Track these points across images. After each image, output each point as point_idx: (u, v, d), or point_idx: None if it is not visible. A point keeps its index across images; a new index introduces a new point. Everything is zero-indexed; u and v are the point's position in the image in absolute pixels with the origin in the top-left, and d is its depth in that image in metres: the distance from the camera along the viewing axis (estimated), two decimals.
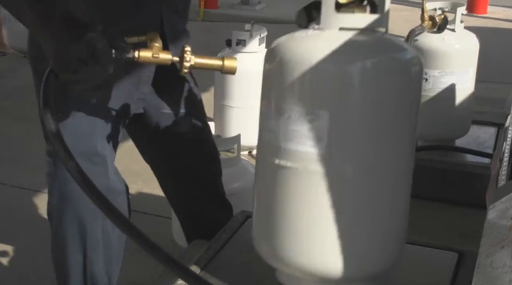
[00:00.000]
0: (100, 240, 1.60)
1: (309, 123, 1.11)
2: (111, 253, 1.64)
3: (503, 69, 4.45)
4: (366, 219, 1.17)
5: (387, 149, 1.16)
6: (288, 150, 1.14)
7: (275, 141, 1.16)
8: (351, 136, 1.12)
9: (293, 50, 1.14)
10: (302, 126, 1.12)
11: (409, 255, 1.43)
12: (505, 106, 2.61)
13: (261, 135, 1.22)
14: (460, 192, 2.54)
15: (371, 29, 1.15)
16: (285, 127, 1.14)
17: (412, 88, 1.18)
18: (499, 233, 0.96)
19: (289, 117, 1.13)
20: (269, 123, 1.17)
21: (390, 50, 1.16)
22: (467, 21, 2.86)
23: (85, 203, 1.50)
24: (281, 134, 1.15)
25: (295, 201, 1.17)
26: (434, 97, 2.57)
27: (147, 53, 1.32)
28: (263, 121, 1.20)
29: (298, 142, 1.13)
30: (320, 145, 1.12)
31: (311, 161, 1.13)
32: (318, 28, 1.15)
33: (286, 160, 1.15)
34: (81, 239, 1.58)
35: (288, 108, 1.12)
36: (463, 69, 2.55)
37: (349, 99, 1.10)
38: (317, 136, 1.11)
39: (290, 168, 1.15)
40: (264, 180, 1.23)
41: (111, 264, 1.65)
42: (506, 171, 1.33)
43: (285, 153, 1.15)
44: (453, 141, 2.76)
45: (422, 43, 2.54)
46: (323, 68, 1.10)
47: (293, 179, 1.16)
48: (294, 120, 1.12)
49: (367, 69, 1.10)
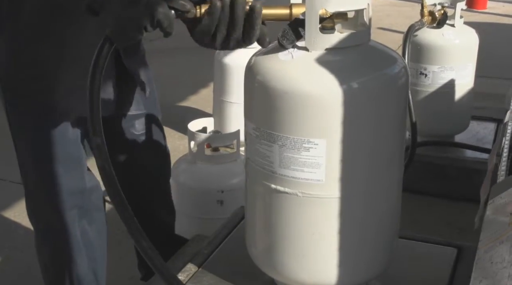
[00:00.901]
0: (80, 240, 1.60)
1: (305, 151, 1.11)
2: (93, 251, 1.65)
3: (502, 65, 4.44)
4: (365, 235, 1.20)
5: (382, 165, 1.17)
6: (285, 176, 1.14)
7: (270, 166, 1.16)
8: (348, 158, 1.12)
9: (281, 79, 1.11)
10: (298, 154, 1.12)
11: (408, 250, 1.44)
12: (504, 101, 2.60)
13: (252, 158, 1.20)
14: (459, 188, 2.54)
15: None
16: (279, 154, 1.13)
17: (401, 100, 1.19)
18: (498, 228, 0.96)
19: (284, 145, 1.12)
20: (260, 147, 1.16)
21: (378, 67, 1.15)
22: (467, 16, 2.86)
23: (62, 205, 1.52)
24: (276, 161, 1.14)
25: (295, 224, 1.18)
26: (434, 92, 2.57)
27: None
28: (252, 143, 1.19)
29: (295, 169, 1.13)
30: (318, 171, 1.12)
31: (310, 187, 1.13)
32: (302, 48, 1.12)
33: (283, 186, 1.15)
34: (64, 242, 1.59)
35: (282, 137, 1.12)
36: (462, 64, 2.55)
37: (344, 123, 1.10)
38: (315, 163, 1.11)
39: (288, 193, 1.15)
40: (260, 201, 1.23)
41: (95, 262, 1.66)
42: (505, 166, 1.32)
43: (282, 179, 1.15)
44: (453, 136, 2.76)
45: (422, 38, 2.53)
46: (316, 96, 1.08)
47: (292, 204, 1.16)
48: (289, 148, 1.12)
49: (360, 90, 1.09)
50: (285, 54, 1.13)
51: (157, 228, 1.83)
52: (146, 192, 1.80)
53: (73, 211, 1.57)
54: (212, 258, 1.46)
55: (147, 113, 1.71)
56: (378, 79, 1.13)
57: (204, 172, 2.17)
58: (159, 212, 1.88)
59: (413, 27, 2.37)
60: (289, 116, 1.10)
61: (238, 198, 1.94)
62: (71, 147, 1.53)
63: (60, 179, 1.52)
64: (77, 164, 1.56)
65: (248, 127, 1.19)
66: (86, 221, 1.61)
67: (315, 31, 1.10)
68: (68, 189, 1.54)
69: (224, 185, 2.12)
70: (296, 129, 1.11)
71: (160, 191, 1.87)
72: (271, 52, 1.17)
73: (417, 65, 2.55)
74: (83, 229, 1.60)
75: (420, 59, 2.54)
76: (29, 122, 1.51)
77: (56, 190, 1.53)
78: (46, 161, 1.51)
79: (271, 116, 1.12)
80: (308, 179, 1.13)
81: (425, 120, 2.44)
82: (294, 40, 1.13)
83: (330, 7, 1.10)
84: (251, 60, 1.20)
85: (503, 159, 1.37)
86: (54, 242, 1.62)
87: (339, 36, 1.12)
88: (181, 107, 3.82)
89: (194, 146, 2.20)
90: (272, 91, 1.11)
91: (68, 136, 1.51)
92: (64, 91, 1.46)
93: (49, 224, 1.60)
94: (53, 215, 1.56)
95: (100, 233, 1.66)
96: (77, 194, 1.57)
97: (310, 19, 1.10)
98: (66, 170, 1.52)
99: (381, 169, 1.18)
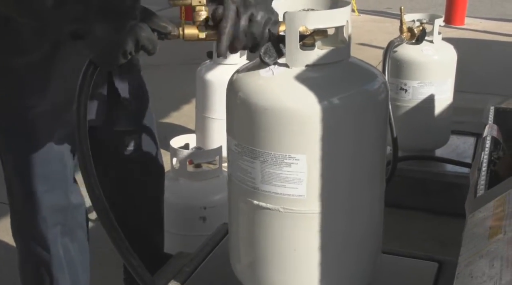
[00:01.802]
0: (63, 258, 1.59)
1: (287, 167, 1.12)
2: (75, 269, 1.63)
3: (481, 80, 4.51)
4: (347, 250, 1.21)
5: (363, 180, 1.18)
6: (267, 192, 1.15)
7: (252, 182, 1.16)
8: (329, 174, 1.13)
9: (262, 95, 1.12)
10: (280, 170, 1.12)
11: (390, 265, 1.44)
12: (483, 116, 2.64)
13: (234, 174, 1.21)
14: (440, 202, 2.56)
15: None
16: (261, 170, 1.13)
17: (382, 115, 1.20)
18: (478, 243, 0.97)
19: (265, 161, 1.13)
20: (242, 164, 1.17)
21: (358, 83, 1.16)
22: (445, 32, 2.90)
23: (45, 223, 1.50)
24: (258, 176, 1.15)
25: (277, 239, 1.19)
26: (414, 107, 2.60)
27: (192, 29, 1.17)
28: (234, 159, 1.19)
29: (276, 184, 1.14)
30: (300, 187, 1.13)
31: (292, 202, 1.14)
32: (283, 65, 1.13)
33: (265, 201, 1.16)
34: (46, 260, 1.58)
35: (263, 153, 1.12)
36: (441, 79, 2.59)
37: (324, 139, 1.11)
38: (297, 178, 1.12)
39: (270, 209, 1.16)
40: (243, 217, 1.23)
41: (77, 281, 1.64)
42: (484, 181, 1.34)
43: (264, 195, 1.15)
44: (433, 151, 2.78)
45: (401, 54, 2.57)
46: (296, 112, 1.09)
47: (274, 219, 1.17)
48: (270, 164, 1.12)
49: (340, 106, 1.11)
50: (266, 70, 1.14)
51: (147, 245, 1.82)
52: (137, 209, 1.79)
53: (56, 228, 1.56)
54: (195, 275, 1.46)
55: (140, 128, 1.71)
56: (358, 95, 1.14)
57: (186, 189, 2.16)
58: (150, 230, 1.87)
59: (392, 43, 2.41)
60: (270, 132, 1.11)
61: (221, 214, 1.93)
62: (54, 165, 1.51)
63: (43, 196, 1.51)
64: (61, 182, 1.54)
65: (230, 143, 1.20)
66: (69, 239, 1.60)
67: (295, 48, 1.11)
68: (51, 207, 1.53)
69: (207, 201, 2.12)
70: (277, 145, 1.11)
71: (151, 208, 1.86)
72: (252, 69, 1.18)
73: (397, 80, 2.58)
74: (65, 247, 1.59)
75: (400, 74, 2.58)
76: (12, 140, 1.50)
77: (39, 208, 1.52)
78: (29, 178, 1.50)
79: (252, 132, 1.13)
80: (290, 195, 1.14)
81: (406, 135, 2.47)
82: (276, 57, 1.14)
83: (310, 24, 1.11)
84: (233, 77, 1.21)
85: (482, 173, 1.39)
86: (36, 261, 1.60)
87: (319, 53, 1.13)
88: (164, 123, 3.81)
89: (176, 162, 2.19)
90: (254, 107, 1.12)
91: (51, 153, 1.50)
92: (47, 110, 1.45)
93: (32, 242, 1.58)
94: (36, 232, 1.55)
95: (82, 251, 1.65)
96: (60, 211, 1.55)
97: (290, 36, 1.11)
98: (49, 188, 1.51)
99: (362, 184, 1.19)
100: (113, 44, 1.13)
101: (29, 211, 1.54)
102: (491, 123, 1.78)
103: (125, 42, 1.12)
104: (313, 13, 1.13)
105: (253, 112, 1.12)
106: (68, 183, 1.57)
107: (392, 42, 2.40)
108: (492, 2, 8.43)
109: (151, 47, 1.14)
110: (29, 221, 1.55)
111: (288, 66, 1.13)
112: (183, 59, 4.24)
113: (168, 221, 2.12)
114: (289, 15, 1.10)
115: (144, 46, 1.13)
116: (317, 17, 1.11)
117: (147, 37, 1.13)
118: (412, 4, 8.17)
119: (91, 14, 1.14)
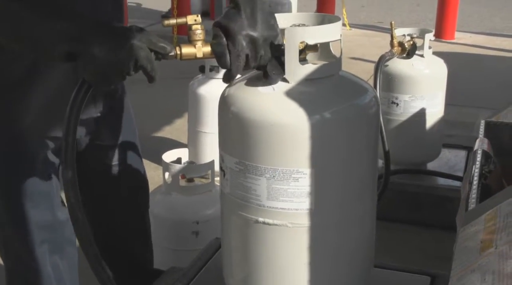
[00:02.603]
0: (52, 275, 1.57)
1: (294, 181, 1.11)
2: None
3: (471, 93, 4.54)
4: (340, 264, 1.22)
5: (356, 192, 1.19)
6: (274, 209, 1.14)
7: (257, 200, 1.15)
8: (335, 185, 1.14)
9: (266, 112, 1.11)
10: (287, 185, 1.12)
11: (382, 279, 1.44)
12: (474, 129, 2.65)
13: (233, 192, 1.19)
14: (432, 215, 2.56)
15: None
16: (268, 186, 1.13)
17: (372, 129, 1.21)
18: (469, 257, 0.98)
19: (273, 177, 1.12)
20: (244, 181, 1.15)
21: (350, 97, 1.17)
22: (436, 46, 2.93)
23: (32, 240, 1.49)
24: (263, 193, 1.14)
25: (276, 253, 1.18)
26: (405, 121, 2.61)
27: (190, 49, 1.15)
28: (235, 178, 1.17)
29: (284, 200, 1.13)
30: (308, 200, 1.13)
31: (299, 216, 1.14)
32: (282, 79, 1.14)
33: (271, 218, 1.15)
34: (35, 278, 1.56)
35: (270, 169, 1.12)
36: (432, 93, 2.61)
37: (329, 151, 1.12)
38: (304, 192, 1.12)
39: (277, 225, 1.15)
40: (241, 233, 1.22)
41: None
42: (475, 194, 1.35)
43: (270, 211, 1.15)
44: (425, 164, 2.79)
45: (392, 68, 2.58)
46: (300, 128, 1.09)
47: (281, 235, 1.16)
48: (277, 180, 1.12)
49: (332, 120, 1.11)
50: (267, 87, 1.14)
51: (135, 262, 1.81)
52: (122, 225, 1.78)
53: (44, 246, 1.54)
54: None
55: (124, 143, 1.69)
56: (349, 109, 1.15)
57: (179, 203, 2.16)
58: (137, 246, 1.85)
59: (383, 57, 2.42)
60: (278, 148, 1.11)
61: (214, 228, 1.93)
62: (40, 181, 1.50)
63: (29, 213, 1.49)
64: (46, 198, 1.53)
65: (229, 162, 1.17)
66: (58, 257, 1.58)
67: (295, 63, 1.12)
68: (37, 223, 1.51)
69: (200, 215, 2.11)
70: (283, 161, 1.11)
71: (136, 225, 1.84)
72: (248, 84, 1.17)
73: (389, 94, 2.60)
74: (54, 264, 1.57)
75: (391, 88, 2.59)
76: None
77: (25, 225, 1.50)
78: (14, 195, 1.48)
79: (257, 149, 1.12)
80: (297, 209, 1.13)
81: (398, 148, 2.48)
82: (281, 73, 1.14)
83: (310, 39, 1.12)
84: (227, 92, 1.20)
85: (473, 187, 1.40)
86: (25, 278, 1.59)
87: (313, 67, 1.14)
88: (156, 137, 3.81)
89: (168, 177, 2.19)
90: (252, 121, 1.11)
91: (36, 169, 1.49)
92: (32, 126, 1.44)
93: (19, 260, 1.56)
94: (23, 250, 1.53)
95: (71, 268, 1.63)
96: (47, 228, 1.54)
97: (290, 51, 1.11)
98: (34, 204, 1.49)
99: (354, 196, 1.19)
100: (111, 64, 1.10)
101: (15, 228, 1.52)
102: (482, 137, 1.79)
103: (124, 62, 1.09)
104: (313, 28, 1.14)
105: (252, 128, 1.11)
106: (54, 199, 1.55)
107: (383, 56, 2.42)
108: (482, 17, 8.52)
109: (150, 67, 1.11)
110: (16, 238, 1.54)
111: (287, 81, 1.13)
112: (178, 73, 4.25)
113: (160, 235, 2.11)
114: (290, 31, 1.10)
115: (142, 66, 1.10)
116: (316, 32, 1.12)
117: (146, 57, 1.10)
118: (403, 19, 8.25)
119: (86, 34, 1.11)
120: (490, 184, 1.55)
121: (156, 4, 8.65)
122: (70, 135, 1.13)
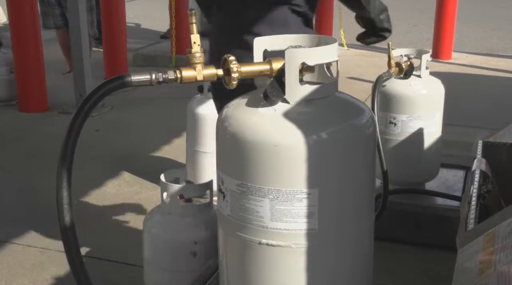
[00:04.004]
0: None
1: (299, 202, 1.11)
2: None
3: (469, 113, 4.56)
4: (340, 282, 1.22)
5: (353, 212, 1.19)
6: (277, 230, 1.14)
7: (260, 221, 1.15)
8: (338, 205, 1.14)
9: (270, 134, 1.11)
10: (291, 205, 1.12)
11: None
12: (471, 149, 2.66)
13: (234, 215, 1.19)
14: (430, 235, 2.56)
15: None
16: (271, 208, 1.12)
17: (370, 150, 1.22)
18: (469, 277, 0.97)
19: (276, 198, 1.12)
20: (247, 203, 1.15)
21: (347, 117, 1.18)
22: (432, 66, 2.95)
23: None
24: (266, 215, 1.13)
25: (287, 276, 1.18)
26: (403, 141, 2.62)
27: (190, 72, 1.17)
28: (236, 200, 1.17)
29: (288, 221, 1.13)
30: (311, 221, 1.13)
31: (303, 237, 1.14)
32: (282, 100, 1.15)
33: (275, 239, 1.15)
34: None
35: (273, 190, 1.11)
36: (430, 113, 2.62)
37: (334, 171, 1.12)
38: (308, 212, 1.12)
39: (281, 246, 1.14)
40: (240, 254, 1.21)
41: None
42: (474, 214, 1.35)
43: (274, 232, 1.14)
44: (423, 184, 2.79)
45: (390, 88, 2.60)
46: (305, 148, 1.09)
47: (285, 256, 1.16)
48: (281, 200, 1.12)
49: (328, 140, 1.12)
50: (268, 108, 1.14)
51: None
52: None
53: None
54: None
55: None
56: (345, 129, 1.15)
57: (177, 223, 2.15)
58: None
59: (381, 77, 2.44)
60: (282, 169, 1.11)
61: (212, 249, 1.92)
62: None
63: None
64: None
65: (230, 184, 1.17)
66: None
67: (295, 84, 1.13)
68: None
69: (198, 236, 2.10)
70: (288, 181, 1.11)
71: None
72: (248, 105, 1.17)
73: (386, 114, 2.61)
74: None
75: (389, 108, 2.61)
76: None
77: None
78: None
79: (260, 171, 1.12)
80: (301, 229, 1.13)
81: (396, 168, 2.48)
82: (281, 94, 1.14)
83: (310, 61, 1.12)
84: (225, 113, 1.20)
85: (472, 207, 1.40)
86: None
87: (311, 88, 1.15)
88: (154, 157, 3.81)
89: (167, 197, 2.18)
90: (263, 145, 1.11)
91: None
92: None
93: None
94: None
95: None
96: None
97: (290, 72, 1.12)
98: None
99: (352, 216, 1.19)
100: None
101: None
102: (479, 157, 1.79)
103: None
104: (312, 49, 1.15)
105: (261, 151, 1.11)
106: None
107: (381, 77, 2.44)
108: (478, 37, 8.58)
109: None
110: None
111: (286, 101, 1.14)
112: (174, 93, 4.26)
113: (158, 256, 2.10)
114: (290, 52, 1.11)
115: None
116: (316, 53, 1.13)
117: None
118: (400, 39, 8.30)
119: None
120: (489, 204, 1.55)
121: (154, 25, 8.70)
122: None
